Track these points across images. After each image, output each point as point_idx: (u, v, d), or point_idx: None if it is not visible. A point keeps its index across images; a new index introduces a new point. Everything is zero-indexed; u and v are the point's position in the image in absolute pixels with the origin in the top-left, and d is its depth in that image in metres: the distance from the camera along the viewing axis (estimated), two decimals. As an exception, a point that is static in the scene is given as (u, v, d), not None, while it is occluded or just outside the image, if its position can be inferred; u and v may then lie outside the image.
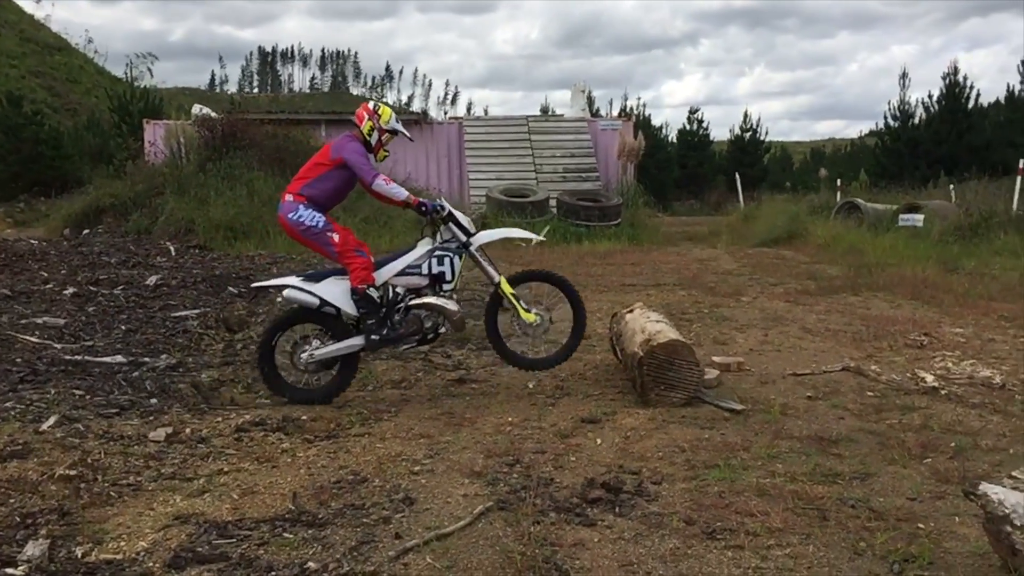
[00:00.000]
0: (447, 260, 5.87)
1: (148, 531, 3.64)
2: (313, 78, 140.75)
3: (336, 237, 5.81)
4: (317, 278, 5.88)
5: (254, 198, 17.07)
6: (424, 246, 5.95)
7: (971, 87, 32.49)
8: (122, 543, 3.52)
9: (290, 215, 5.85)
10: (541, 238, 7.38)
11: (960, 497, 3.69)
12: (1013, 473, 3.19)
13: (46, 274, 10.89)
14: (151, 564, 3.33)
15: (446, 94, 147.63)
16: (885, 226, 17.05)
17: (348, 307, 5.80)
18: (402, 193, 5.87)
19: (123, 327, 7.86)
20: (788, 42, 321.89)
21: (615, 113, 41.32)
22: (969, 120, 31.94)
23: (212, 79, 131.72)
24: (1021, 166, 17.10)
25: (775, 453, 4.59)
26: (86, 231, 17.62)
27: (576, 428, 5.13)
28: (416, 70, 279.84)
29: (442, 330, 5.96)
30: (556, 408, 5.63)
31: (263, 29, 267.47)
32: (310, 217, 5.82)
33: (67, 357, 6.64)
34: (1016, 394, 5.85)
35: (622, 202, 19.88)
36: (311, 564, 3.30)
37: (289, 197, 5.92)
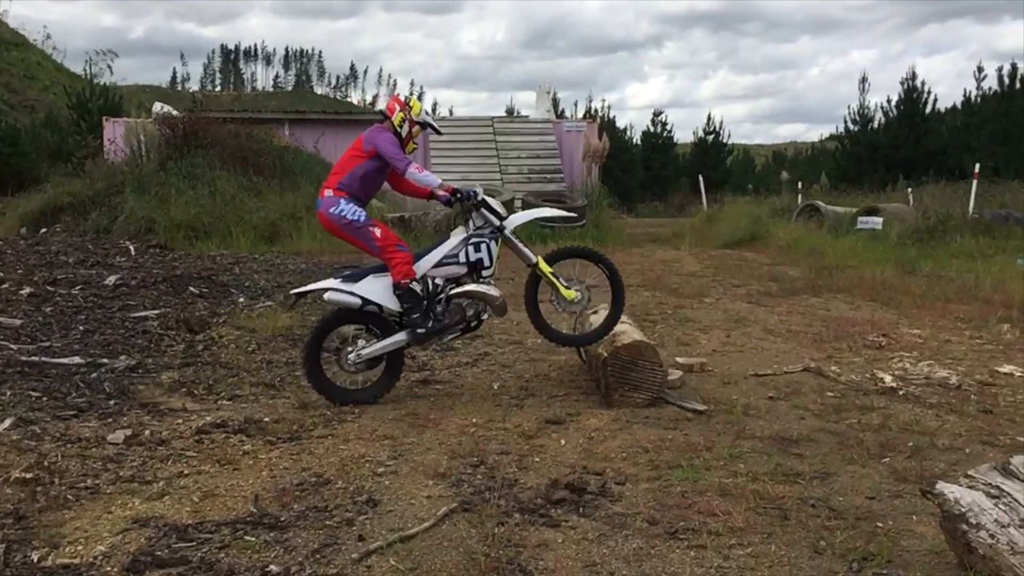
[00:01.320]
0: (484, 246, 5.86)
1: (106, 535, 3.59)
2: (277, 77, 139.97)
3: (378, 232, 5.80)
4: (356, 278, 5.85)
5: (216, 197, 16.92)
6: (458, 235, 5.94)
7: (929, 92, 33.09)
8: (79, 547, 3.47)
9: (331, 210, 5.82)
10: (574, 215, 7.52)
11: (917, 496, 3.75)
12: (969, 472, 3.24)
13: (2, 273, 10.66)
14: (109, 568, 3.28)
15: (411, 94, 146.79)
16: (845, 229, 17.29)
17: (390, 303, 5.78)
18: (436, 181, 5.89)
19: (81, 328, 7.73)
20: (751, 46, 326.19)
21: (580, 115, 41.52)
22: (926, 125, 32.51)
23: (174, 77, 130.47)
24: (976, 170, 17.44)
25: (737, 453, 4.63)
26: (43, 230, 17.31)
27: (540, 429, 5.14)
28: (381, 70, 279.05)
29: (485, 316, 5.95)
30: (520, 409, 5.63)
31: (226, 27, 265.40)
32: (352, 211, 5.80)
33: (23, 358, 6.51)
34: (972, 394, 5.96)
35: (587, 203, 19.95)
36: (273, 567, 3.27)
37: (329, 192, 5.89)
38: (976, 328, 8.47)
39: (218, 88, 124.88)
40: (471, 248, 5.85)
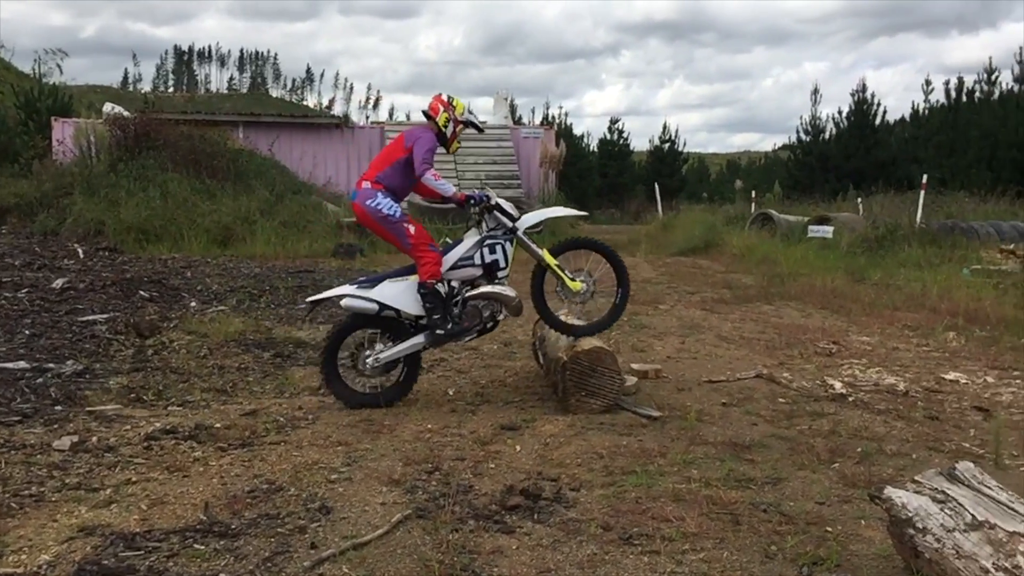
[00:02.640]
0: (499, 247, 5.89)
1: (51, 543, 3.51)
2: (231, 79, 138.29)
3: (412, 229, 5.81)
4: (372, 283, 5.85)
5: (168, 200, 16.67)
6: (472, 237, 5.96)
7: (878, 104, 33.85)
8: (23, 556, 3.38)
9: (368, 202, 5.82)
10: (585, 213, 7.50)
11: (866, 501, 3.80)
12: (916, 477, 3.30)
13: (-56, 276, 10.40)
14: (53, 578, 3.21)
15: (368, 98, 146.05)
16: (797, 237, 17.54)
17: (407, 307, 5.78)
18: (450, 189, 5.92)
19: (27, 332, 7.56)
20: (706, 56, 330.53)
21: (537, 121, 41.67)
22: (876, 136, 33.21)
23: (125, 77, 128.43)
24: (924, 181, 17.81)
25: (691, 459, 4.66)
26: (-12, 231, 16.91)
27: (496, 435, 5.13)
28: (337, 73, 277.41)
29: (500, 317, 5.96)
30: (476, 415, 5.62)
31: (179, 27, 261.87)
32: (388, 206, 5.82)
33: (-35, 363, 6.35)
34: (919, 401, 6.08)
35: (543, 210, 20.01)
36: (223, 576, 3.22)
37: (367, 184, 5.90)
38: (923, 336, 8.64)
39: (171, 89, 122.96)
40: (486, 250, 5.89)
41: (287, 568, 3.30)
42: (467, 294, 5.87)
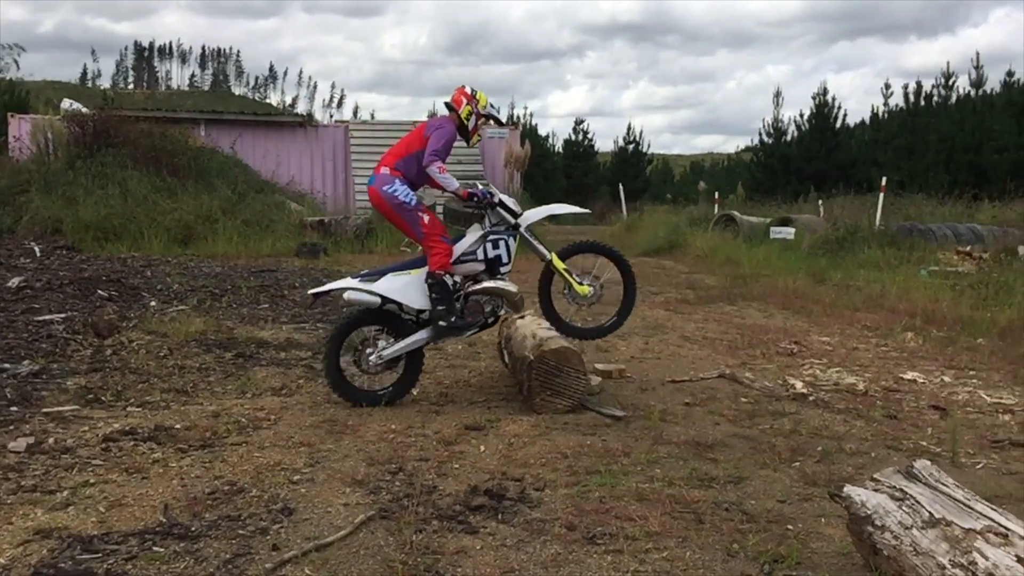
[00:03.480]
0: (502, 243, 5.92)
1: (6, 547, 3.44)
2: (193, 76, 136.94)
3: (426, 219, 5.83)
4: (374, 277, 5.83)
5: (127, 198, 16.47)
6: (475, 232, 5.95)
7: (839, 107, 34.38)
8: (-24, 561, 3.31)
9: (385, 187, 5.83)
10: (587, 211, 7.62)
11: (826, 499, 3.85)
12: (874, 476, 3.34)
13: None
14: (8, 583, 3.15)
15: (332, 97, 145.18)
16: (759, 238, 17.71)
17: (410, 300, 5.78)
18: (453, 183, 5.92)
19: (-19, 331, 7.41)
20: (670, 58, 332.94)
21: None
22: (837, 139, 33.72)
23: (84, 73, 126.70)
24: (883, 183, 18.09)
25: (654, 458, 4.69)
26: (-59, 229, 16.56)
27: (460, 435, 5.12)
28: (301, 71, 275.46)
29: (501, 313, 5.98)
30: (440, 415, 5.61)
31: (140, 23, 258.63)
32: (404, 193, 5.83)
33: (-83, 363, 6.21)
34: (877, 400, 6.16)
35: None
36: (183, 578, 3.18)
37: (385, 170, 5.89)
38: (882, 336, 8.77)
39: (131, 86, 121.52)
40: (489, 245, 5.91)
41: (248, 570, 3.26)
42: (469, 289, 5.89)
